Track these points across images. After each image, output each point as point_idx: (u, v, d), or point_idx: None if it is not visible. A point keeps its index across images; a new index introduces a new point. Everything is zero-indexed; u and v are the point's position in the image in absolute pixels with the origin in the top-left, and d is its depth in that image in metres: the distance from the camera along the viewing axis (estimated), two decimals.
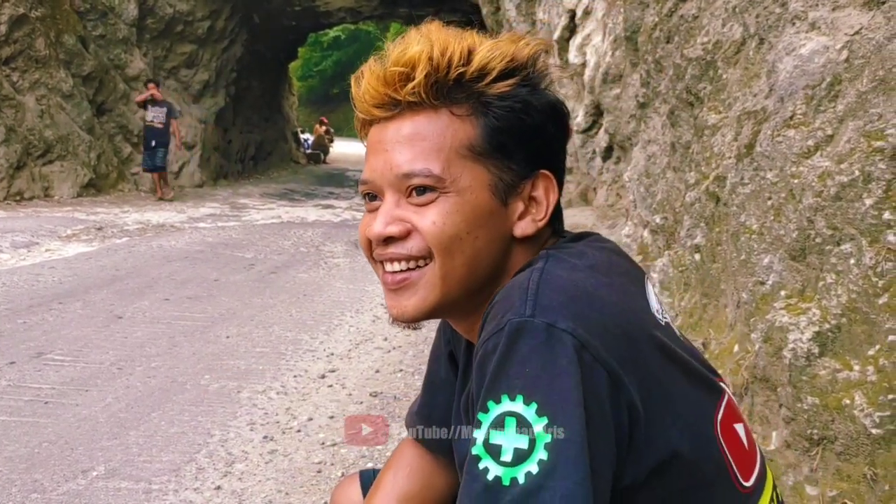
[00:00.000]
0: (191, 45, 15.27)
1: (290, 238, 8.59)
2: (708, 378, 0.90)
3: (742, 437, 0.91)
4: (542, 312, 0.75)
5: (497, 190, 0.89)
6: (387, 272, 0.92)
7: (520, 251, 0.92)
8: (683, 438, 0.82)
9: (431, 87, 0.87)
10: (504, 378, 0.74)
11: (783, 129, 2.31)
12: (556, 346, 0.74)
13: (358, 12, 20.44)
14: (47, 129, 10.97)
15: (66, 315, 4.68)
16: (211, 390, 3.49)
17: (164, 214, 10.33)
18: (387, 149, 0.89)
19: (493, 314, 0.80)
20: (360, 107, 0.92)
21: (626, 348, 0.78)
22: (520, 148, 0.89)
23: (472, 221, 0.87)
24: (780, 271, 2.12)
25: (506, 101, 0.88)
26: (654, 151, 4.39)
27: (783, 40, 2.54)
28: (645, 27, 4.53)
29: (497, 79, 0.88)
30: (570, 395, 0.72)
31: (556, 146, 0.94)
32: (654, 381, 0.80)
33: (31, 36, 10.90)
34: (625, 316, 0.81)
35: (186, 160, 14.59)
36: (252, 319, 4.82)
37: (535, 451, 0.71)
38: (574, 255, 0.86)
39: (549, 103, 0.91)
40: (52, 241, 7.54)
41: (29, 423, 3.04)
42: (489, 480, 0.72)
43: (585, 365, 0.74)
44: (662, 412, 0.80)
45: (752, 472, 0.90)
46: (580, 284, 0.80)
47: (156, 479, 2.60)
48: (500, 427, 0.73)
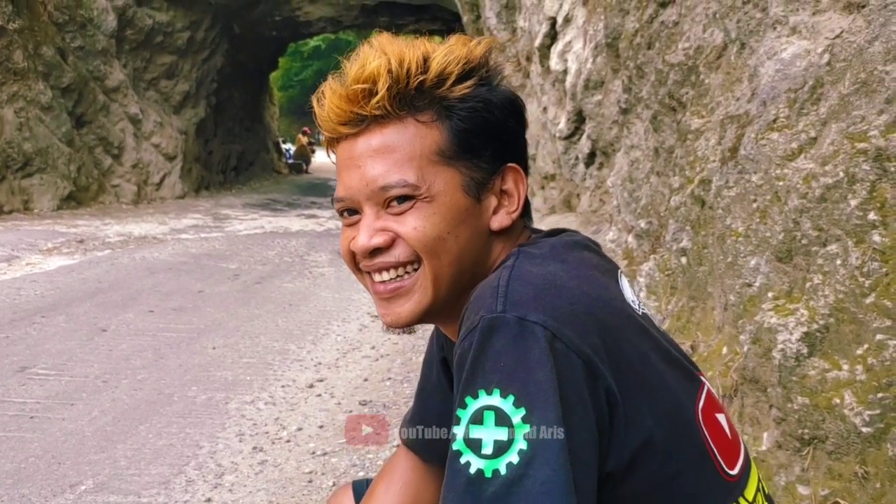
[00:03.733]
0: (171, 56, 15.21)
1: (274, 248, 8.56)
2: (686, 368, 0.93)
3: (724, 426, 0.93)
4: (513, 307, 0.78)
5: (470, 189, 0.92)
6: (377, 282, 0.94)
7: (498, 244, 0.95)
8: (662, 424, 0.83)
9: (394, 98, 0.89)
10: (480, 373, 0.76)
11: (767, 132, 2.33)
12: (528, 338, 0.76)
13: (338, 22, 20.46)
14: (26, 141, 10.87)
15: (49, 329, 4.63)
16: (198, 402, 3.47)
17: (145, 226, 10.26)
18: (359, 164, 0.91)
19: (468, 314, 0.82)
20: (326, 126, 0.94)
21: (598, 336, 0.79)
22: (486, 145, 0.92)
23: (451, 221, 0.90)
24: (767, 273, 2.15)
25: (467, 103, 0.91)
26: (638, 157, 4.42)
27: (764, 45, 2.57)
28: (626, 33, 4.57)
29: (456, 82, 0.90)
30: (545, 385, 0.74)
31: (518, 139, 0.97)
32: (630, 368, 0.82)
33: (9, 48, 10.81)
34: (595, 304, 0.83)
35: (168, 171, 14.50)
36: (238, 330, 4.80)
37: (514, 441, 0.73)
38: (544, 250, 0.89)
39: (507, 99, 0.94)
40: (33, 255, 7.46)
41: (14, 438, 3.00)
42: (471, 474, 0.74)
43: (559, 354, 0.76)
44: (639, 398, 0.81)
45: (736, 461, 0.92)
46: (549, 277, 0.82)
47: (145, 493, 2.57)
48: (479, 421, 0.75)
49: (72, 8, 12.35)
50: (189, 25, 15.30)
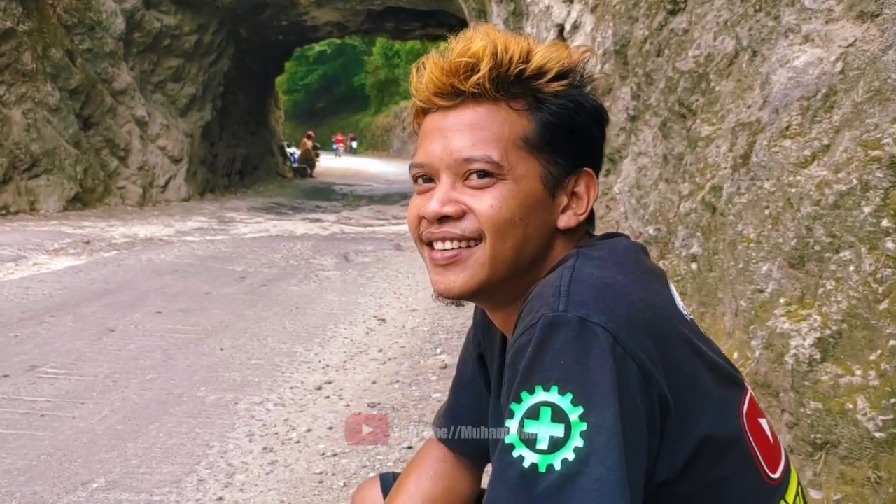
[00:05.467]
0: (178, 59, 15.26)
1: (280, 251, 8.58)
2: (731, 373, 0.94)
3: (766, 430, 0.94)
4: (575, 307, 0.79)
5: (547, 182, 0.94)
6: (436, 250, 0.95)
7: (560, 243, 0.96)
8: (711, 430, 0.84)
9: (493, 80, 0.92)
10: (538, 370, 0.77)
11: (779, 139, 2.35)
12: (589, 339, 0.77)
13: (344, 27, 20.51)
14: (34, 142, 10.91)
15: (57, 328, 4.65)
16: (208, 402, 3.48)
17: (151, 228, 10.29)
18: (446, 135, 0.93)
19: (527, 311, 0.83)
20: (421, 95, 0.96)
21: (654, 342, 0.81)
22: (568, 145, 0.95)
23: (526, 208, 0.92)
24: (779, 279, 2.16)
25: (559, 100, 0.93)
26: (645, 163, 4.43)
27: (776, 53, 2.59)
28: (635, 41, 4.59)
29: (553, 79, 0.93)
30: (603, 386, 0.75)
31: (597, 147, 1.00)
32: (682, 374, 0.83)
33: (18, 49, 10.85)
34: (652, 311, 0.84)
35: (173, 174, 14.54)
36: (245, 332, 4.81)
37: (570, 438, 0.74)
38: (603, 253, 0.90)
39: (595, 106, 0.97)
40: (40, 255, 7.49)
41: (26, 436, 3.02)
42: (525, 468, 0.75)
43: (618, 357, 0.77)
44: (691, 404, 0.83)
45: (778, 465, 0.93)
46: (609, 281, 0.84)
47: (157, 491, 2.59)
48: (535, 417, 0.76)
49: (81, 10, 12.41)
50: (196, 29, 15.36)
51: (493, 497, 0.77)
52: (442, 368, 4.04)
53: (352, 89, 49.68)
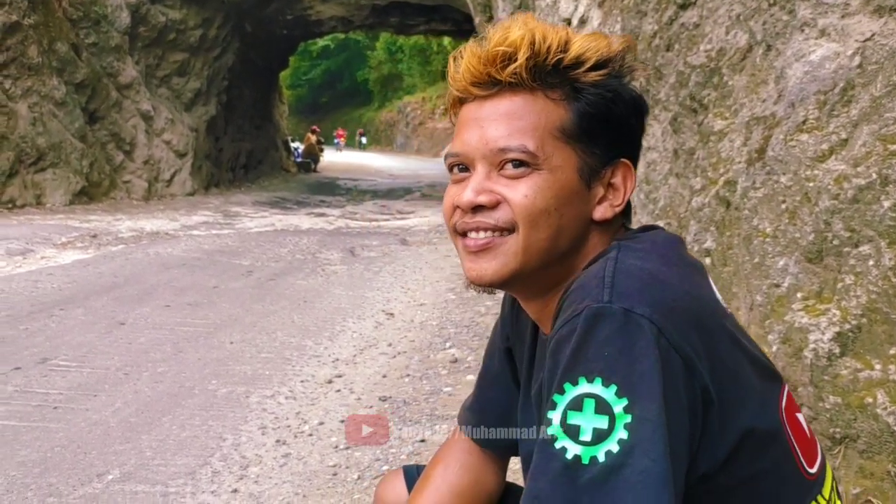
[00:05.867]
0: (183, 54, 15.26)
1: (286, 245, 8.59)
2: (770, 367, 0.94)
3: (804, 425, 0.94)
4: (620, 298, 0.78)
5: (583, 172, 0.93)
6: (469, 238, 0.95)
7: (595, 235, 0.96)
8: (752, 424, 0.84)
9: (531, 69, 0.91)
10: (582, 361, 0.77)
11: (796, 133, 2.35)
12: (634, 330, 0.76)
13: (349, 21, 20.50)
14: (40, 136, 10.93)
15: (68, 321, 4.66)
16: (219, 395, 3.49)
17: (157, 222, 10.30)
18: (482, 125, 0.93)
19: (570, 302, 0.83)
20: (457, 85, 0.96)
21: (698, 334, 0.80)
22: (605, 135, 0.94)
23: (561, 199, 0.91)
24: (797, 273, 2.16)
25: (598, 90, 0.93)
26: (655, 158, 4.43)
27: (792, 47, 2.58)
28: (644, 35, 4.57)
29: (591, 68, 0.92)
30: (648, 378, 0.75)
31: (635, 138, 0.99)
32: (725, 367, 0.82)
33: (24, 43, 10.86)
34: (695, 303, 0.84)
35: (178, 168, 14.55)
36: (255, 326, 4.82)
37: (615, 430, 0.74)
38: (645, 245, 0.90)
39: (634, 97, 0.96)
40: (48, 249, 7.51)
41: (39, 428, 3.03)
42: (568, 459, 0.74)
43: (662, 349, 0.76)
44: (733, 397, 0.82)
45: (815, 460, 0.93)
46: (653, 272, 0.83)
47: (172, 483, 2.60)
48: (578, 408, 0.75)
49: (86, 4, 12.41)
50: (201, 23, 15.35)
51: (534, 488, 0.76)
52: (452, 363, 4.05)
53: (355, 84, 49.67)
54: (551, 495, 0.75)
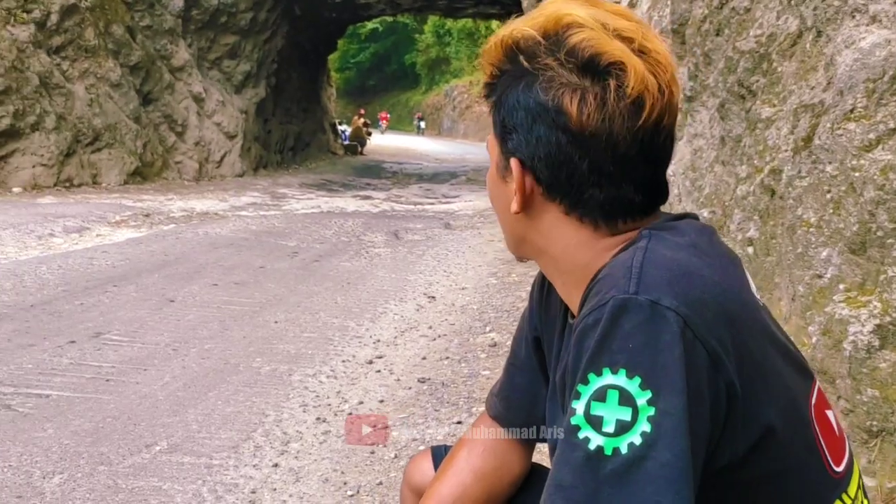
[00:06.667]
0: (234, 37, 15.48)
1: (331, 227, 8.70)
2: (801, 363, 0.92)
3: (833, 423, 0.93)
4: (647, 290, 0.78)
5: (499, 166, 1.00)
6: None
7: (583, 227, 0.95)
8: (779, 419, 0.83)
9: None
10: (607, 352, 0.77)
11: (843, 122, 2.31)
12: (659, 322, 0.76)
13: (397, 4, 20.50)
14: (96, 117, 11.23)
15: (120, 297, 4.82)
16: (263, 373, 3.59)
17: (206, 203, 10.52)
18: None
19: (596, 290, 0.83)
20: None
21: (726, 327, 0.79)
22: (501, 129, 1.00)
23: (490, 191, 1.03)
24: (839, 264, 2.13)
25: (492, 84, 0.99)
26: (701, 145, 4.37)
27: (842, 33, 2.53)
28: (693, 20, 4.50)
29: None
30: (673, 371, 0.75)
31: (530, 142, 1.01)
32: (753, 361, 0.82)
33: (81, 25, 11.15)
34: (726, 295, 0.82)
35: (228, 150, 14.80)
36: (299, 306, 4.92)
37: (637, 423, 0.74)
38: (676, 235, 0.88)
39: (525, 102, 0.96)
40: (102, 227, 7.74)
41: (92, 399, 3.15)
42: (591, 449, 0.75)
43: (688, 342, 0.76)
44: (759, 391, 0.82)
45: (842, 458, 0.91)
46: (683, 263, 0.82)
47: (216, 455, 2.69)
48: (602, 399, 0.76)
49: None
50: (252, 6, 15.53)
51: (557, 477, 0.78)
52: (491, 346, 4.08)
53: (403, 67, 49.71)
54: (574, 484, 0.76)
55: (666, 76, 0.87)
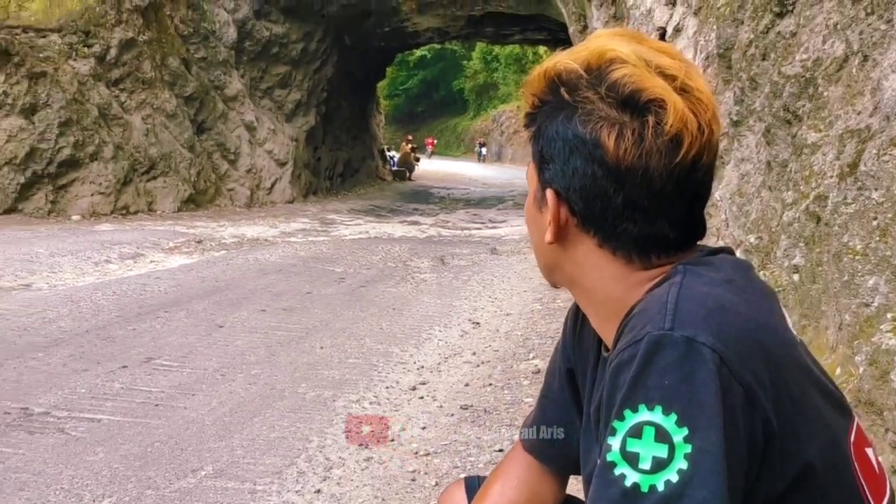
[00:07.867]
0: (285, 67, 15.86)
1: (378, 253, 8.79)
2: (840, 400, 0.91)
3: (872, 460, 0.91)
4: (682, 326, 0.78)
5: (536, 196, 1.03)
6: None
7: (616, 261, 0.95)
8: (818, 458, 0.82)
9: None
10: (642, 388, 0.77)
11: (890, 147, 2.26)
12: (695, 359, 0.76)
13: (445, 32, 20.76)
14: (152, 146, 11.59)
15: (171, 323, 4.94)
16: (308, 398, 3.63)
17: (257, 229, 10.73)
18: None
19: (631, 326, 0.83)
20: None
21: (762, 364, 0.79)
22: (540, 160, 1.02)
23: (527, 219, 1.05)
24: (886, 293, 2.08)
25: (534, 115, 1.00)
26: (748, 170, 4.31)
27: (889, 57, 2.49)
28: (739, 44, 4.47)
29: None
30: (709, 408, 0.74)
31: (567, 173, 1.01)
32: (790, 398, 0.81)
33: (139, 59, 11.57)
34: (762, 332, 0.82)
35: (279, 176, 15.10)
36: (344, 331, 4.97)
37: (674, 460, 0.74)
38: (711, 270, 0.87)
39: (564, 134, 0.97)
40: (156, 253, 7.96)
41: (141, 424, 3.23)
42: (627, 486, 0.75)
43: (724, 378, 0.75)
44: (798, 428, 0.81)
45: (883, 496, 0.89)
46: (719, 299, 0.82)
47: (260, 481, 2.73)
48: (638, 436, 0.76)
49: (196, 21, 13.12)
50: (303, 37, 15.92)
51: None
52: (534, 373, 4.06)
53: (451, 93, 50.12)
54: None
55: (707, 115, 0.87)
